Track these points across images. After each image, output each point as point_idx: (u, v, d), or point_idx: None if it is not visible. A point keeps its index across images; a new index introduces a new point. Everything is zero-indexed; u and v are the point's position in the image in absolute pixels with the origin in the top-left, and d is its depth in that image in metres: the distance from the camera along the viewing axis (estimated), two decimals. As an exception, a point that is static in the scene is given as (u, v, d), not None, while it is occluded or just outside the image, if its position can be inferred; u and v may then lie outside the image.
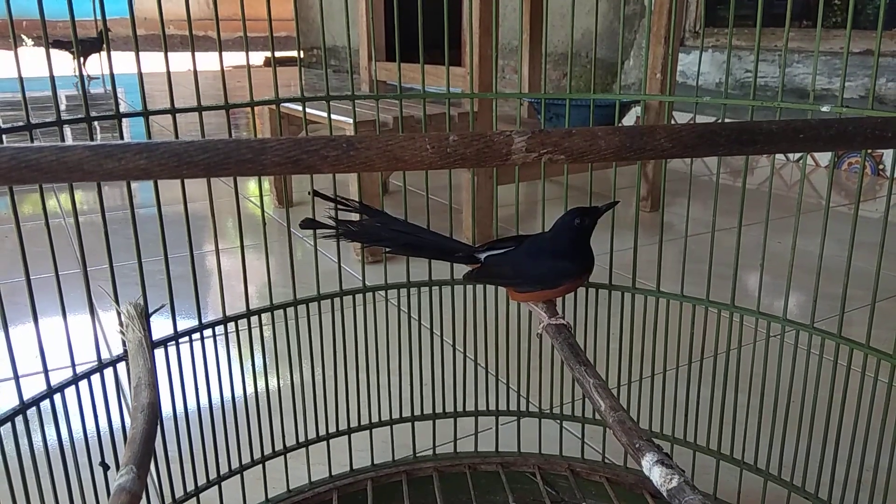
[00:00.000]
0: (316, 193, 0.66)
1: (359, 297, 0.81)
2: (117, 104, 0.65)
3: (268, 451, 0.79)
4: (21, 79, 0.56)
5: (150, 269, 0.67)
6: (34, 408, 0.61)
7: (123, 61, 0.74)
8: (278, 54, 0.78)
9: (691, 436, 0.80)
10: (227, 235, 1.99)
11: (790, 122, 0.37)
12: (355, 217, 0.67)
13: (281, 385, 0.78)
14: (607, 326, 0.78)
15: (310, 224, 0.64)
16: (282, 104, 0.74)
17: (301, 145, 0.33)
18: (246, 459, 0.77)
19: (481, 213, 1.77)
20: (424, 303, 0.82)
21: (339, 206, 0.66)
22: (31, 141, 0.54)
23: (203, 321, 0.73)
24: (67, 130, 0.61)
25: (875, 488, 0.68)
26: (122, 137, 0.60)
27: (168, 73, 0.65)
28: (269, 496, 0.79)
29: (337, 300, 0.80)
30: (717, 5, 3.20)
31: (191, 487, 0.74)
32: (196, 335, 0.73)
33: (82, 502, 0.64)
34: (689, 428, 0.79)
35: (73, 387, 0.64)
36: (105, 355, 0.67)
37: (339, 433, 0.82)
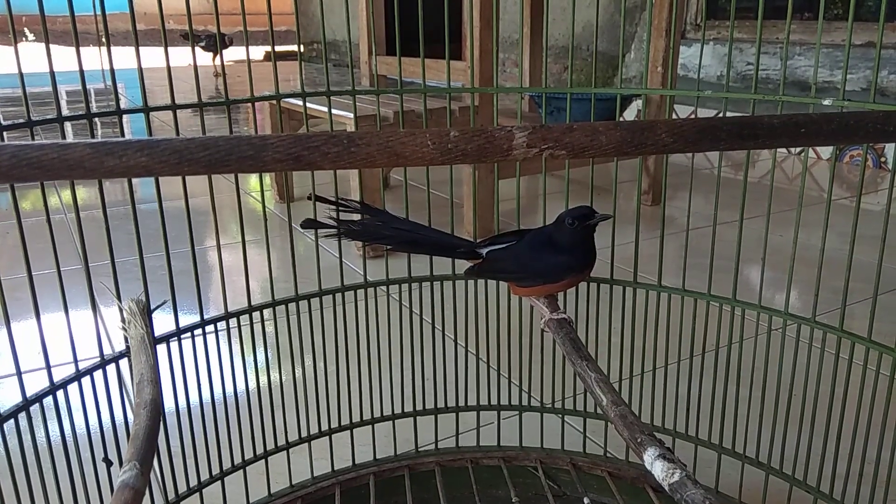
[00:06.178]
0: (317, 198, 0.66)
1: (360, 292, 0.81)
2: (118, 100, 0.65)
3: (270, 446, 0.79)
4: (21, 74, 0.56)
5: (151, 265, 0.67)
6: (37, 404, 0.61)
7: (123, 56, 0.74)
8: (278, 49, 0.77)
9: (693, 430, 0.80)
10: (228, 231, 1.99)
11: (792, 116, 0.37)
12: (356, 216, 0.67)
13: (283, 380, 0.78)
14: (609, 321, 0.78)
15: (311, 224, 0.64)
16: (282, 99, 0.74)
17: (302, 142, 0.33)
18: (248, 455, 0.78)
19: (482, 208, 1.77)
20: (426, 298, 0.82)
21: (340, 207, 0.66)
22: (32, 138, 0.54)
23: (205, 317, 0.74)
24: (68, 127, 0.61)
25: (876, 482, 0.68)
26: (122, 133, 0.60)
27: (168, 68, 0.65)
28: (272, 491, 0.79)
29: (339, 295, 0.80)
30: (718, -2, 3.19)
31: (194, 483, 0.74)
32: (198, 331, 0.73)
33: (86, 498, 0.64)
34: (691, 422, 0.80)
35: (75, 383, 0.64)
36: (107, 351, 0.67)
37: (341, 428, 0.82)
